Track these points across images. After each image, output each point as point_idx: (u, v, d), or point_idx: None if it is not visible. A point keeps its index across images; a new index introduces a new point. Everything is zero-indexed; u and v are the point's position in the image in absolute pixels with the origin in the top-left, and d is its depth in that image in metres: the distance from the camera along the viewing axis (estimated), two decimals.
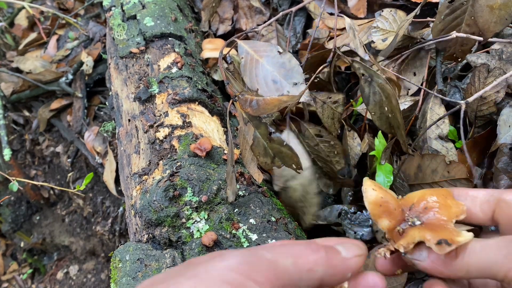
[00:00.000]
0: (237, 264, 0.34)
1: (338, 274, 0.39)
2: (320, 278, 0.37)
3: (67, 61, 1.48)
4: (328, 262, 0.38)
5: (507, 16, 0.70)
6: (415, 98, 0.90)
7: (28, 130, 1.53)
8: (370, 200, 0.48)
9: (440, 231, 0.43)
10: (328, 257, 0.38)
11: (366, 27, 0.98)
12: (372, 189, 0.48)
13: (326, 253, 0.38)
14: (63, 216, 1.45)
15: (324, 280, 0.38)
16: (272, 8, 1.13)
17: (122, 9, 1.04)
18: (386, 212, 0.47)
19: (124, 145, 0.89)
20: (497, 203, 0.44)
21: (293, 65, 0.68)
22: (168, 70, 0.91)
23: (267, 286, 0.34)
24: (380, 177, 0.81)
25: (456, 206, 0.48)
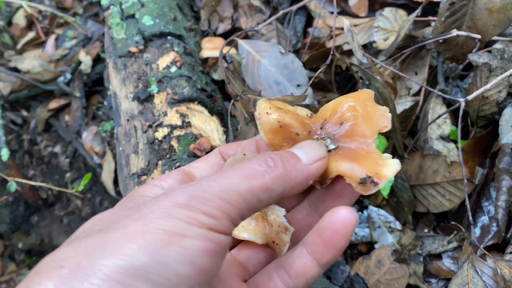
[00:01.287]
0: (185, 200, 0.31)
1: (299, 185, 0.35)
2: (279, 194, 0.34)
3: (65, 61, 1.47)
4: (288, 176, 0.34)
5: (505, 19, 0.70)
6: (416, 98, 0.89)
7: (26, 130, 1.52)
8: (266, 128, 0.38)
9: (361, 160, 0.36)
10: (286, 170, 0.34)
11: (367, 26, 0.98)
12: (266, 112, 0.38)
13: (284, 167, 0.34)
14: (61, 217, 1.44)
15: (283, 195, 0.35)
16: (272, 7, 1.13)
17: (121, 8, 1.04)
18: (288, 138, 0.38)
19: (122, 145, 0.88)
20: None
21: (296, 66, 0.68)
22: (167, 69, 0.91)
23: (223, 219, 0.31)
24: None
25: (379, 114, 0.39)
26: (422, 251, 0.82)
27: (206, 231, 0.30)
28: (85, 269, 0.27)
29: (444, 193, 0.80)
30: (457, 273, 0.66)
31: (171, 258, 0.28)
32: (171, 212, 0.30)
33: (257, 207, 0.34)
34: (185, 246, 0.29)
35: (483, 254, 0.67)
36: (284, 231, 0.40)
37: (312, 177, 0.36)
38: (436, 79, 0.89)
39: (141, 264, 0.27)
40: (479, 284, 0.63)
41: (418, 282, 0.78)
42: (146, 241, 0.28)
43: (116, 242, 0.29)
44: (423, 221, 0.86)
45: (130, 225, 0.30)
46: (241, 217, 0.33)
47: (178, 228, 0.29)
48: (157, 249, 0.28)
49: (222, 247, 0.31)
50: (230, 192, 0.32)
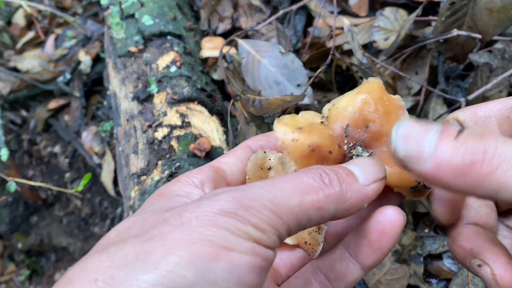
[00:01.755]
0: (233, 208, 0.28)
1: (352, 208, 0.32)
2: (330, 216, 0.31)
3: (65, 60, 1.47)
4: (343, 197, 0.31)
5: (506, 19, 0.70)
6: (416, 98, 0.89)
7: (26, 130, 1.52)
8: (296, 156, 0.34)
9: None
10: (342, 190, 0.31)
11: (367, 26, 0.97)
12: (292, 139, 0.34)
13: (340, 186, 0.31)
14: (61, 217, 1.44)
15: (335, 217, 0.32)
16: (272, 7, 1.13)
17: (121, 7, 1.03)
18: (322, 159, 0.35)
19: (122, 145, 0.88)
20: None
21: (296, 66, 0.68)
22: (167, 69, 0.90)
23: (271, 233, 0.28)
24: None
25: (397, 106, 0.37)
26: (422, 251, 0.81)
27: (254, 245, 0.28)
28: (122, 283, 0.24)
29: None
30: (458, 273, 0.66)
31: (218, 276, 0.26)
32: (217, 220, 0.28)
33: (306, 226, 0.31)
34: (233, 262, 0.27)
35: None
36: (316, 229, 0.37)
37: (368, 200, 0.33)
38: (436, 79, 0.89)
39: (185, 282, 0.25)
40: (479, 284, 0.63)
41: (418, 283, 0.78)
42: (190, 254, 0.26)
43: (157, 253, 0.26)
44: (423, 221, 0.86)
45: (171, 234, 0.27)
46: (288, 233, 0.30)
47: (225, 240, 0.27)
48: (202, 265, 0.26)
49: (269, 263, 0.29)
50: (281, 205, 0.29)
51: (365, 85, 0.37)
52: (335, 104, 0.37)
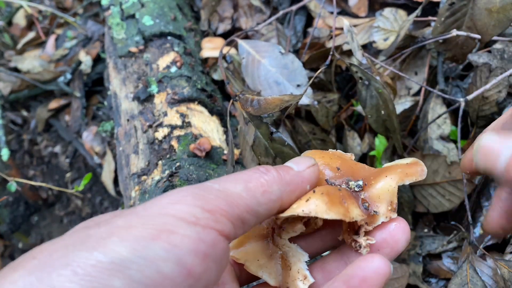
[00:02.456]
0: (182, 197, 0.29)
1: (296, 189, 0.35)
2: (278, 197, 0.34)
3: (65, 61, 1.47)
4: (282, 179, 0.35)
5: (505, 20, 0.70)
6: (416, 98, 0.89)
7: (26, 130, 1.52)
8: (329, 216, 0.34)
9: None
10: (280, 174, 0.35)
11: (367, 26, 0.98)
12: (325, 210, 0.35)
13: (277, 172, 0.35)
14: (62, 217, 1.44)
15: (284, 199, 0.34)
16: (272, 7, 1.13)
17: (121, 8, 1.04)
18: (340, 201, 0.36)
19: (122, 145, 0.88)
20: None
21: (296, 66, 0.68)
22: (167, 69, 0.91)
23: (219, 215, 0.29)
24: None
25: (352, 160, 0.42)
26: (421, 251, 0.82)
27: (199, 229, 0.28)
28: (57, 260, 0.25)
29: (444, 193, 0.80)
30: (457, 273, 0.66)
31: (155, 254, 0.26)
32: (164, 208, 0.29)
33: (259, 211, 0.33)
34: (173, 243, 0.27)
35: (482, 254, 0.67)
36: (302, 279, 0.37)
37: (308, 181, 0.36)
38: (436, 79, 0.89)
39: (121, 258, 0.25)
40: (479, 284, 0.63)
41: (418, 282, 0.78)
42: (130, 235, 0.26)
43: (98, 235, 0.26)
44: (422, 221, 0.86)
45: (118, 221, 0.28)
46: (240, 219, 0.31)
47: (169, 224, 0.27)
48: (141, 244, 0.26)
49: (217, 251, 0.29)
50: (227, 191, 0.31)
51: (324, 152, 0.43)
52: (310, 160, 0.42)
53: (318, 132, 0.83)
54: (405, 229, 0.37)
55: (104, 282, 0.24)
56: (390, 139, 0.82)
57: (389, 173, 0.39)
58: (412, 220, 0.85)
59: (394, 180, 0.38)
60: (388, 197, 0.38)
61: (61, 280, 0.24)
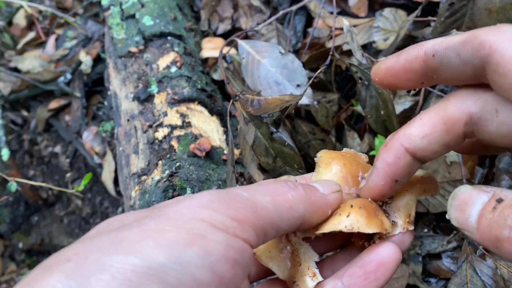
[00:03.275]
0: (211, 202, 0.30)
1: (319, 211, 0.36)
2: (301, 216, 0.34)
3: (65, 61, 1.47)
4: (308, 199, 0.35)
5: (505, 20, 0.70)
6: (415, 98, 0.89)
7: (27, 130, 1.52)
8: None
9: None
10: (307, 193, 0.35)
11: (367, 26, 0.98)
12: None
13: (305, 190, 0.35)
14: (62, 217, 1.44)
15: (305, 218, 0.35)
16: (272, 7, 1.13)
17: (121, 8, 1.04)
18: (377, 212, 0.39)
19: (123, 145, 0.88)
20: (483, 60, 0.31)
21: (296, 66, 0.68)
22: (167, 69, 0.91)
23: (246, 225, 0.30)
24: None
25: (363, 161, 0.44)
26: (421, 251, 0.82)
27: (229, 236, 0.29)
28: (94, 264, 0.25)
29: (444, 193, 0.80)
30: (456, 272, 0.66)
31: (190, 260, 0.26)
32: (195, 212, 0.29)
33: (280, 226, 0.33)
34: (206, 249, 0.27)
35: (482, 254, 0.67)
36: (311, 275, 0.38)
37: (331, 206, 0.37)
38: None
39: (157, 263, 0.25)
40: (478, 284, 0.63)
41: (417, 282, 0.78)
42: (165, 239, 0.27)
43: (132, 239, 0.27)
44: (422, 221, 0.86)
45: (149, 223, 0.28)
46: (263, 231, 0.31)
47: (200, 230, 0.28)
48: (176, 249, 0.26)
49: (244, 258, 0.29)
50: (255, 201, 0.32)
51: (341, 153, 0.43)
52: (324, 165, 0.42)
53: (318, 132, 0.83)
54: (410, 232, 0.39)
55: (142, 287, 0.24)
56: None
57: (409, 188, 0.40)
58: None
59: (414, 195, 0.40)
60: (407, 210, 0.40)
61: (100, 285, 0.24)
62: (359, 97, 0.71)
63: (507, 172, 0.75)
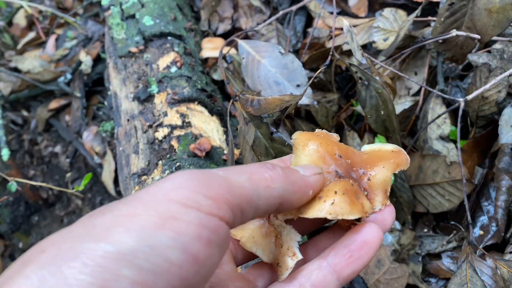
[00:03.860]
0: (184, 181, 0.30)
1: (298, 191, 0.36)
2: (280, 195, 0.34)
3: (65, 61, 1.47)
4: (286, 179, 0.35)
5: (505, 20, 0.70)
6: (415, 98, 0.89)
7: (27, 130, 1.52)
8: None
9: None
10: (285, 174, 0.35)
11: (367, 26, 0.98)
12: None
13: (283, 170, 0.35)
14: (62, 217, 1.44)
15: (284, 198, 0.35)
16: (272, 7, 1.13)
17: (121, 8, 1.04)
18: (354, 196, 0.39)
19: (123, 145, 0.88)
20: None
21: (296, 66, 0.68)
22: (167, 69, 0.91)
23: (221, 202, 0.30)
24: None
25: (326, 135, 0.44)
26: (421, 251, 0.82)
27: (202, 215, 0.28)
28: (66, 252, 0.25)
29: (444, 193, 0.80)
30: (456, 272, 0.66)
31: (161, 243, 0.26)
32: (167, 193, 0.29)
33: (259, 204, 0.33)
34: (178, 230, 0.27)
35: (482, 254, 0.67)
36: (291, 255, 0.39)
37: (311, 186, 0.37)
38: (435, 79, 0.89)
39: (128, 248, 0.26)
40: (478, 284, 0.63)
41: (417, 282, 0.78)
42: (135, 224, 0.27)
43: (103, 225, 0.27)
44: (422, 221, 0.86)
45: (121, 208, 0.28)
46: (240, 209, 0.31)
47: (172, 211, 0.28)
48: (146, 233, 0.26)
49: (220, 236, 0.29)
50: (230, 180, 0.32)
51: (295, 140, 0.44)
52: (301, 146, 0.43)
53: None
54: (391, 210, 0.40)
55: (113, 272, 0.25)
56: (389, 139, 0.82)
57: (383, 163, 0.41)
58: (412, 220, 0.85)
59: (390, 171, 0.41)
60: (384, 186, 0.41)
61: (72, 272, 0.24)
62: (359, 97, 0.71)
63: (507, 172, 0.75)
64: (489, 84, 0.70)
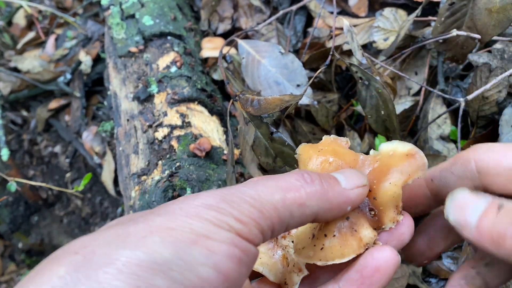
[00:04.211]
0: (215, 202, 0.30)
1: (335, 208, 0.34)
2: (314, 213, 0.32)
3: (65, 61, 1.47)
4: (324, 195, 0.33)
5: (505, 20, 0.70)
6: (416, 98, 0.89)
7: (26, 130, 1.52)
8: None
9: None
10: (324, 189, 0.33)
11: (367, 26, 0.98)
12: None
13: (322, 185, 0.33)
14: (62, 217, 1.44)
15: (318, 216, 0.33)
16: (272, 7, 1.13)
17: (121, 8, 1.04)
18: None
19: (122, 145, 0.88)
20: None
21: (296, 66, 0.68)
22: (167, 69, 0.91)
23: (252, 227, 0.29)
24: None
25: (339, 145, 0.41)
26: None
27: (233, 236, 0.29)
28: (101, 257, 0.25)
29: None
30: None
31: (195, 258, 0.27)
32: (200, 212, 0.29)
33: (290, 223, 0.32)
34: (211, 248, 0.27)
35: None
36: (297, 271, 0.38)
37: (351, 202, 0.34)
38: (436, 79, 0.89)
39: (163, 259, 0.26)
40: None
41: (417, 282, 0.78)
42: (171, 236, 0.27)
43: (138, 234, 0.27)
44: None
45: (155, 219, 0.28)
46: (271, 229, 0.31)
47: (205, 229, 0.28)
48: (181, 246, 0.27)
49: (249, 257, 0.29)
50: (262, 201, 0.31)
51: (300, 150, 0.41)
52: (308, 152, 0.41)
53: (318, 132, 0.83)
54: (409, 223, 0.38)
55: (148, 281, 0.25)
56: (390, 139, 0.82)
57: (393, 174, 0.37)
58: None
59: (399, 186, 0.37)
60: (394, 202, 0.37)
61: (107, 278, 0.24)
62: (359, 97, 0.71)
63: None
64: (489, 84, 0.69)
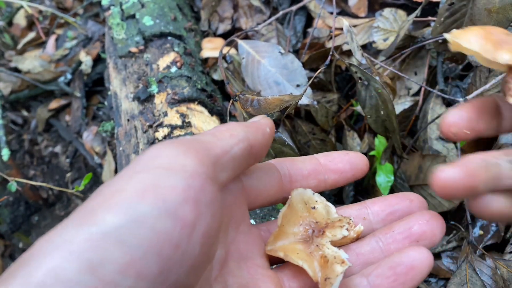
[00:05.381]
0: (163, 148, 0.29)
1: (257, 130, 0.36)
2: (245, 137, 0.34)
3: (66, 61, 1.47)
4: (242, 124, 0.36)
5: (504, 20, 0.70)
6: (415, 98, 0.89)
7: (27, 130, 1.52)
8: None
9: None
10: (239, 123, 0.36)
11: (366, 26, 0.98)
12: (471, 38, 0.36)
13: (236, 122, 0.37)
14: (62, 217, 1.44)
15: (250, 139, 0.34)
16: (272, 7, 1.13)
17: (121, 8, 1.04)
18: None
19: (123, 145, 0.88)
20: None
21: (296, 66, 0.68)
22: (167, 69, 0.91)
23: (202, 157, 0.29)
24: (381, 177, 0.81)
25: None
26: None
27: (187, 176, 0.27)
28: (51, 244, 0.24)
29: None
30: (456, 272, 0.66)
31: (145, 213, 0.25)
32: (149, 163, 0.28)
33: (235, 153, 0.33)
34: (161, 197, 0.26)
35: (482, 254, 0.67)
36: (339, 263, 0.35)
37: (265, 125, 0.38)
38: (435, 79, 0.89)
39: (112, 226, 0.24)
40: (478, 284, 0.63)
41: None
42: (118, 199, 0.25)
43: (89, 208, 0.26)
44: None
45: (104, 189, 0.27)
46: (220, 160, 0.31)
47: (155, 179, 0.26)
48: (129, 206, 0.25)
49: (206, 195, 0.28)
50: (201, 139, 0.32)
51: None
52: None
53: (317, 132, 0.84)
54: (441, 224, 0.37)
55: (101, 254, 0.24)
56: (389, 139, 0.82)
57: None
58: None
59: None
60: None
61: (57, 262, 0.23)
62: (359, 97, 0.71)
63: None
64: (489, 84, 0.70)
